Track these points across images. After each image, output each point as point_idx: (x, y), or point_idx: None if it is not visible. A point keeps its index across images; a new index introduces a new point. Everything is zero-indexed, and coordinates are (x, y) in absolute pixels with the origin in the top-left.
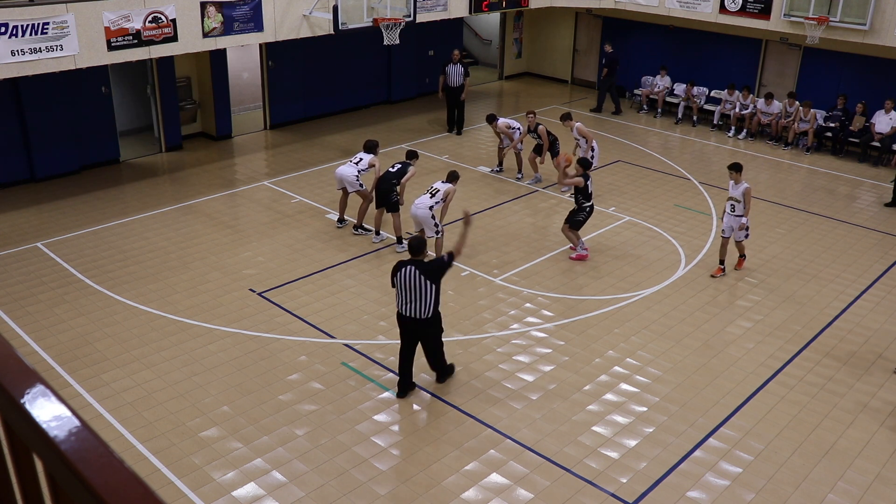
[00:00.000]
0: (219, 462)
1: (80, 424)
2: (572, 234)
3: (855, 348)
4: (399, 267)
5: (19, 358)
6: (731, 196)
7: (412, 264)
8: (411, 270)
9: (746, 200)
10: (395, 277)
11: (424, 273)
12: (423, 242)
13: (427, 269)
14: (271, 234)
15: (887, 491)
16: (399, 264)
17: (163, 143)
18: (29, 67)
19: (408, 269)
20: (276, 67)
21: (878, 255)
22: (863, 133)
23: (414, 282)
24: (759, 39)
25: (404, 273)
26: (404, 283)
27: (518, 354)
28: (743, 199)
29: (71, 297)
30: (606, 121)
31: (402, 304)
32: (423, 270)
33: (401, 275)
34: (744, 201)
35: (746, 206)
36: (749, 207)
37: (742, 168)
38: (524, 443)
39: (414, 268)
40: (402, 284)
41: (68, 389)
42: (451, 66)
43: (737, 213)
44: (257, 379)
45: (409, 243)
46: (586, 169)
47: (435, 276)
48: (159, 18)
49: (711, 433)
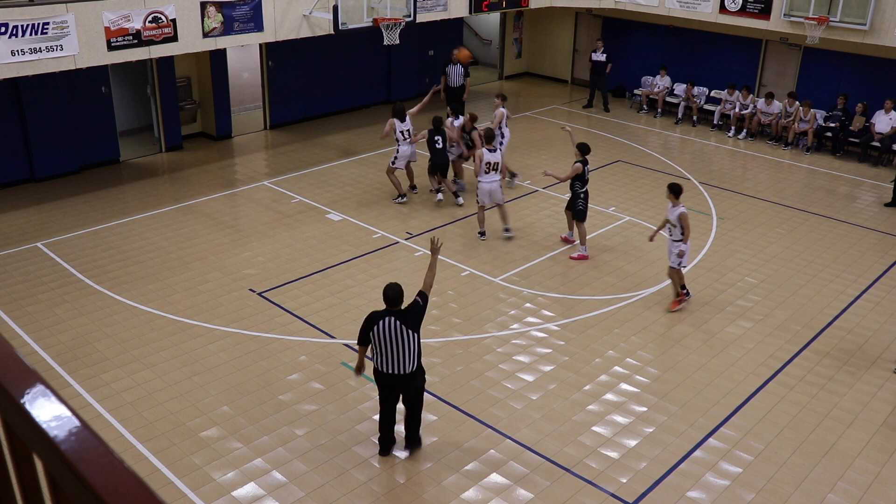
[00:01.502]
0: (219, 462)
1: (80, 424)
2: (579, 227)
3: (855, 348)
4: (375, 319)
5: (19, 358)
6: (667, 219)
7: (391, 315)
8: (391, 322)
9: (684, 225)
10: (373, 332)
11: (406, 323)
12: (401, 291)
13: (408, 318)
14: (271, 234)
15: (887, 491)
16: (374, 316)
17: (163, 143)
18: (29, 67)
19: (387, 322)
20: (276, 67)
21: (878, 255)
22: (863, 133)
23: (396, 334)
24: (759, 39)
25: (383, 326)
26: (385, 338)
27: (518, 354)
28: (679, 223)
29: (71, 297)
30: (607, 121)
31: (384, 361)
32: (405, 321)
33: (378, 329)
34: (680, 226)
35: (685, 231)
36: (688, 234)
37: (681, 191)
38: (524, 443)
39: (394, 319)
40: (381, 339)
41: (68, 389)
42: (452, 66)
43: (674, 237)
44: (257, 379)
45: (386, 293)
46: (584, 154)
47: (417, 323)
48: (159, 18)
49: (711, 433)
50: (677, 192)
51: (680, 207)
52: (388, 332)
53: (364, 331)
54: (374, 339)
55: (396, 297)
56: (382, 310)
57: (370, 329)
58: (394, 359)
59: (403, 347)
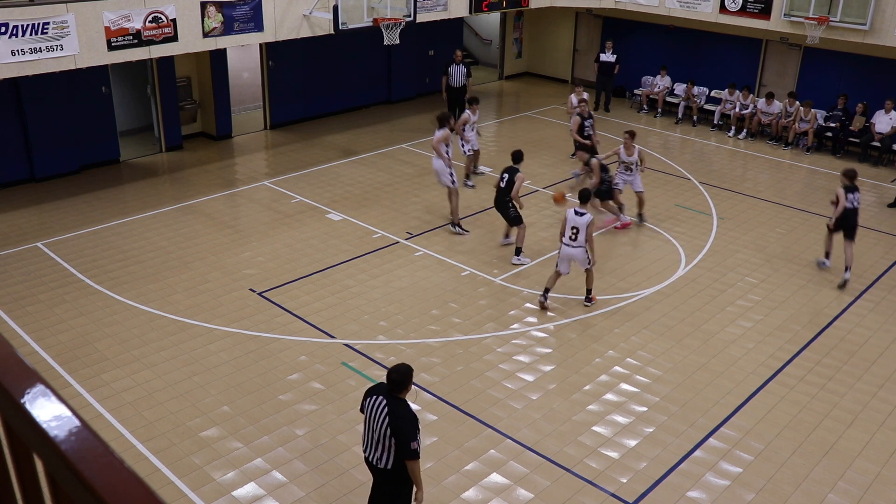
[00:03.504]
0: (219, 462)
1: (80, 424)
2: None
3: (855, 348)
4: (368, 394)
5: (19, 358)
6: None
7: (383, 395)
8: (378, 403)
9: (588, 233)
10: (363, 406)
11: (391, 414)
12: (407, 376)
13: (395, 411)
14: (271, 234)
15: (887, 491)
16: (370, 389)
17: (163, 143)
18: (29, 67)
19: (375, 401)
20: (276, 67)
21: (878, 255)
22: (863, 133)
23: (376, 420)
24: (760, 39)
25: (370, 404)
26: (368, 417)
27: (518, 354)
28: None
29: (71, 297)
30: (607, 121)
31: (364, 441)
32: (391, 410)
33: (367, 405)
34: (585, 233)
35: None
36: (591, 244)
37: (589, 197)
38: (524, 443)
39: (383, 400)
40: (366, 417)
41: (68, 389)
42: (454, 66)
43: (577, 243)
44: (257, 379)
45: (389, 376)
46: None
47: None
48: (159, 18)
49: (711, 433)
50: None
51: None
52: (371, 413)
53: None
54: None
55: (399, 381)
56: (378, 384)
57: (363, 402)
58: (370, 444)
59: (379, 437)
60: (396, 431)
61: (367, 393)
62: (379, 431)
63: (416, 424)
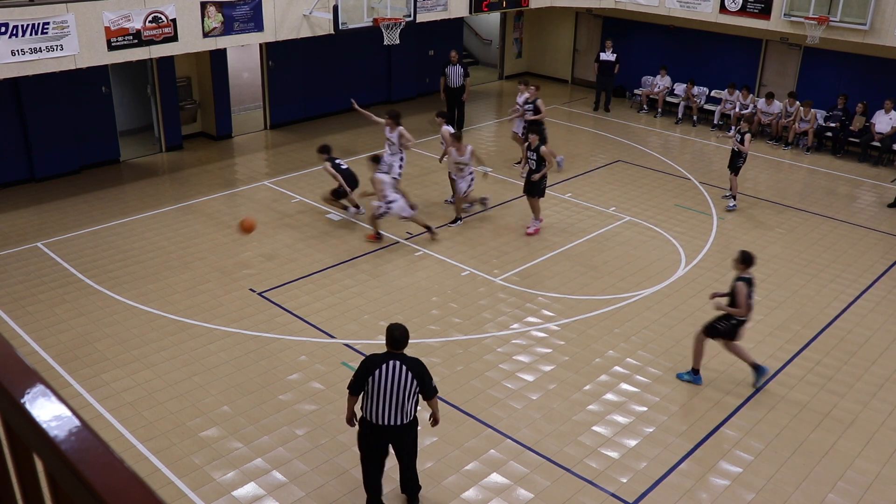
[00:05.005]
0: (219, 462)
1: (80, 424)
2: (535, 202)
3: (855, 348)
4: (375, 364)
5: (19, 358)
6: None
7: (394, 359)
8: (394, 367)
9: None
10: (372, 376)
11: (412, 370)
12: (407, 334)
13: (413, 364)
14: (271, 234)
15: (887, 491)
16: (373, 360)
17: (163, 143)
18: (29, 67)
19: (390, 367)
20: (276, 67)
21: (878, 255)
22: (863, 133)
23: (398, 381)
24: (760, 39)
25: (385, 371)
26: (385, 384)
27: (518, 354)
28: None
29: (71, 297)
30: (607, 121)
31: (378, 411)
32: (412, 366)
33: (380, 374)
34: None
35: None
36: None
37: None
38: (524, 443)
39: (398, 363)
40: (380, 386)
41: (68, 389)
42: (451, 67)
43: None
44: (257, 379)
45: (392, 333)
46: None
47: (422, 374)
48: (159, 18)
49: (711, 433)
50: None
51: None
52: (390, 377)
53: (360, 377)
54: (371, 386)
55: (403, 338)
56: (383, 353)
57: (368, 375)
58: (391, 409)
59: (404, 396)
60: (422, 381)
61: (372, 367)
62: (405, 392)
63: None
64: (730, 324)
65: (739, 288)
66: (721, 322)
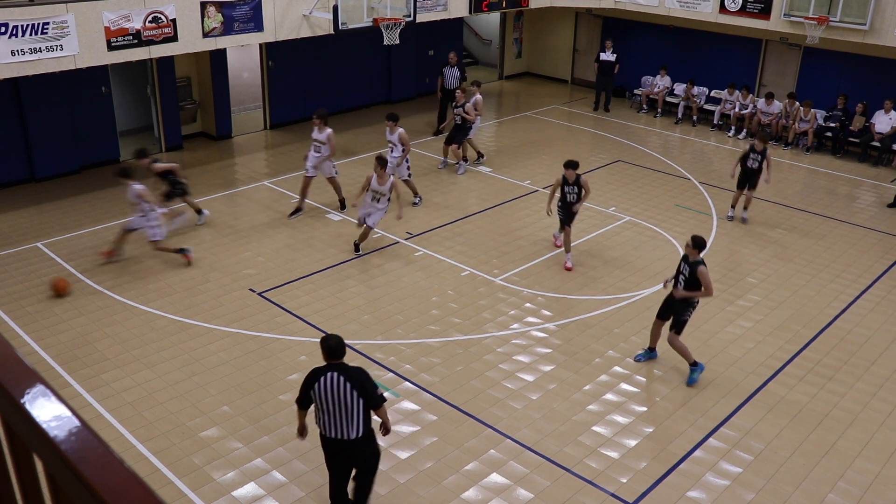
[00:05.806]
0: (219, 462)
1: (80, 424)
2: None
3: (855, 348)
4: (315, 376)
5: (19, 358)
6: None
7: (333, 371)
8: (335, 379)
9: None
10: (313, 390)
11: (351, 381)
12: (343, 343)
13: (353, 376)
14: (271, 234)
15: (888, 491)
16: (314, 372)
17: (163, 143)
18: (29, 67)
19: (330, 378)
20: (276, 67)
21: (878, 255)
22: (863, 133)
23: (340, 393)
24: (759, 39)
25: (325, 383)
26: (328, 397)
27: (518, 354)
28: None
29: (71, 297)
30: (607, 121)
31: (327, 423)
32: (351, 378)
33: (320, 386)
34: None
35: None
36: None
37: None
38: (524, 443)
39: (337, 375)
40: (322, 397)
41: (68, 389)
42: (448, 68)
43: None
44: (257, 379)
45: (328, 343)
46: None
47: (363, 386)
48: (159, 18)
49: (711, 433)
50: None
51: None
52: (331, 389)
53: (303, 390)
54: (315, 398)
55: (339, 347)
56: (324, 365)
57: (310, 388)
58: (339, 421)
59: (350, 408)
60: (364, 392)
61: (312, 380)
62: (348, 404)
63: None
64: (690, 314)
65: (704, 272)
66: (686, 314)
